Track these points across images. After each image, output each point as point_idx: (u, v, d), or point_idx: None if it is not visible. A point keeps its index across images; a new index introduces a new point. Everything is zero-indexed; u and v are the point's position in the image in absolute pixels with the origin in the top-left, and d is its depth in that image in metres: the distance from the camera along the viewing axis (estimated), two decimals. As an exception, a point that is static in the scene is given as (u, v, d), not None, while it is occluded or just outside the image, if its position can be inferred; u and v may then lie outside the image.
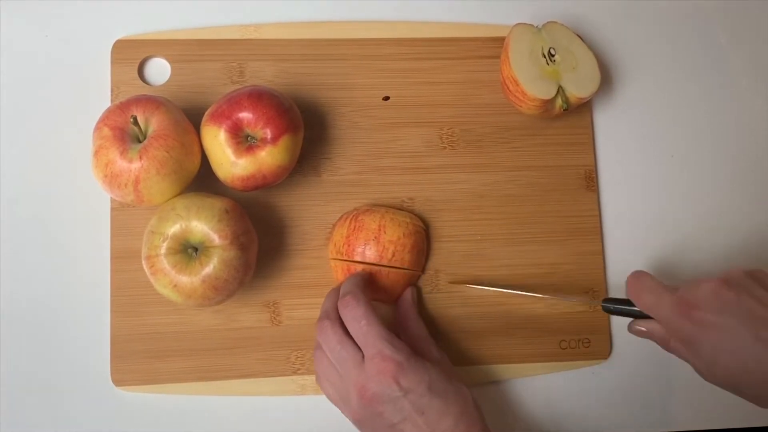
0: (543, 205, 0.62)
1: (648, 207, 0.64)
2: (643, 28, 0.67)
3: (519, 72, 0.58)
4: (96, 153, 0.51)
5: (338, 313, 0.52)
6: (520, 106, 0.59)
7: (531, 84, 0.58)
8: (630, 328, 0.55)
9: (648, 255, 0.63)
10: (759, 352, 0.45)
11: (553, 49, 0.59)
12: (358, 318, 0.50)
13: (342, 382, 0.50)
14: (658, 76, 0.66)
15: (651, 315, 0.51)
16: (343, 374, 0.50)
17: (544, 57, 0.59)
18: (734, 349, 0.46)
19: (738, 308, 0.46)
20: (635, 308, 0.53)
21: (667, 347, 0.52)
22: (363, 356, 0.49)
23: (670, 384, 0.62)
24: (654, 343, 0.62)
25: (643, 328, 0.53)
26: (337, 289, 0.55)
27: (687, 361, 0.50)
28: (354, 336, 0.50)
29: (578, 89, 0.58)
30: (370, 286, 0.56)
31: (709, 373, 0.48)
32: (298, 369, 0.57)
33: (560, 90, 0.58)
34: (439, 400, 0.48)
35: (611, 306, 0.55)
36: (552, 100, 0.58)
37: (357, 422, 0.50)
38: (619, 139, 0.64)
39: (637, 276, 0.52)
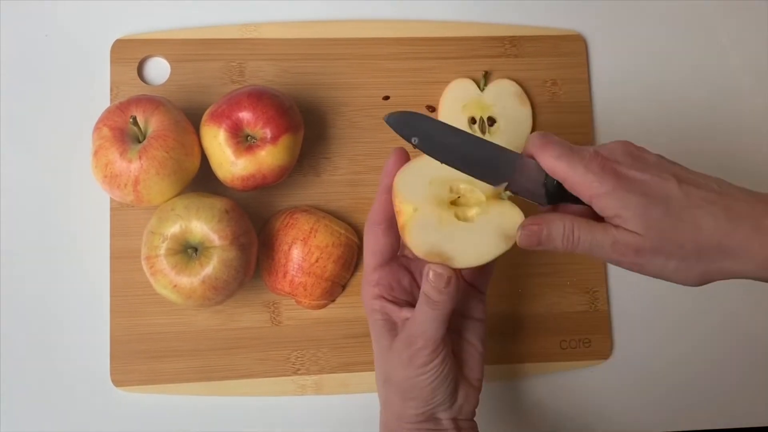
0: (543, 204, 0.62)
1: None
2: (644, 29, 0.67)
3: None
4: (95, 153, 0.51)
5: None
6: None
7: None
8: (524, 231, 0.42)
9: (648, 255, 0.63)
10: (691, 204, 0.40)
11: (493, 116, 0.58)
12: None
13: None
14: (658, 76, 0.66)
15: (561, 173, 0.42)
16: None
17: (475, 123, 0.60)
18: (665, 199, 0.40)
19: (659, 165, 0.42)
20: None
21: (570, 245, 0.42)
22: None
23: (669, 384, 0.62)
24: (654, 343, 0.62)
25: (536, 226, 0.42)
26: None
27: (600, 248, 0.41)
28: None
29: None
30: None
31: (627, 240, 0.40)
32: (298, 369, 0.57)
33: None
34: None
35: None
36: None
37: None
38: (619, 140, 0.64)
39: (541, 135, 0.43)
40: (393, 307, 0.47)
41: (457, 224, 0.43)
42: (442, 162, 0.43)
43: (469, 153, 0.43)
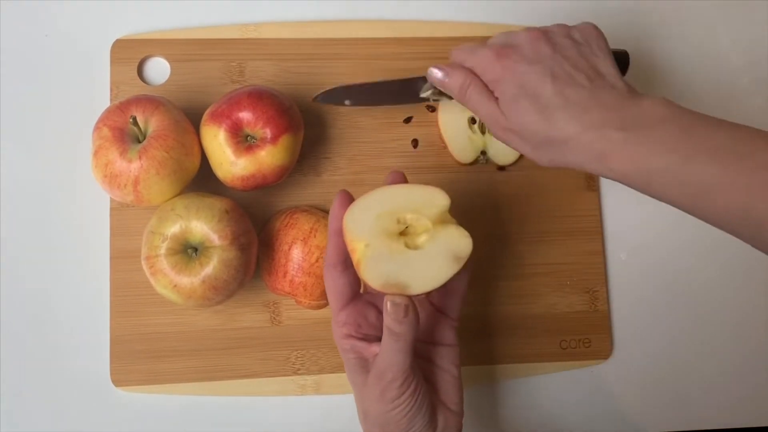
0: (543, 204, 0.62)
1: (648, 207, 0.64)
2: (643, 28, 0.67)
3: (447, 137, 0.61)
4: (95, 153, 0.51)
5: None
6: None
7: (454, 146, 0.60)
8: (430, 75, 0.52)
9: (648, 254, 0.63)
10: (555, 104, 0.45)
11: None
12: None
13: None
14: (658, 75, 0.66)
15: (462, 62, 0.51)
16: None
17: (475, 123, 0.61)
18: (535, 95, 0.46)
19: (550, 62, 0.47)
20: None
21: (462, 95, 0.50)
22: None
23: (670, 384, 0.62)
24: (654, 343, 0.62)
25: (440, 72, 0.51)
26: None
27: (484, 114, 0.49)
28: None
29: (499, 158, 0.61)
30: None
31: (500, 118, 0.48)
32: (298, 369, 0.57)
33: (483, 154, 0.61)
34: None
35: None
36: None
37: None
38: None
39: (434, 74, 0.52)
40: (363, 344, 0.47)
41: (408, 253, 0.44)
42: (375, 105, 0.56)
43: (390, 90, 0.58)
